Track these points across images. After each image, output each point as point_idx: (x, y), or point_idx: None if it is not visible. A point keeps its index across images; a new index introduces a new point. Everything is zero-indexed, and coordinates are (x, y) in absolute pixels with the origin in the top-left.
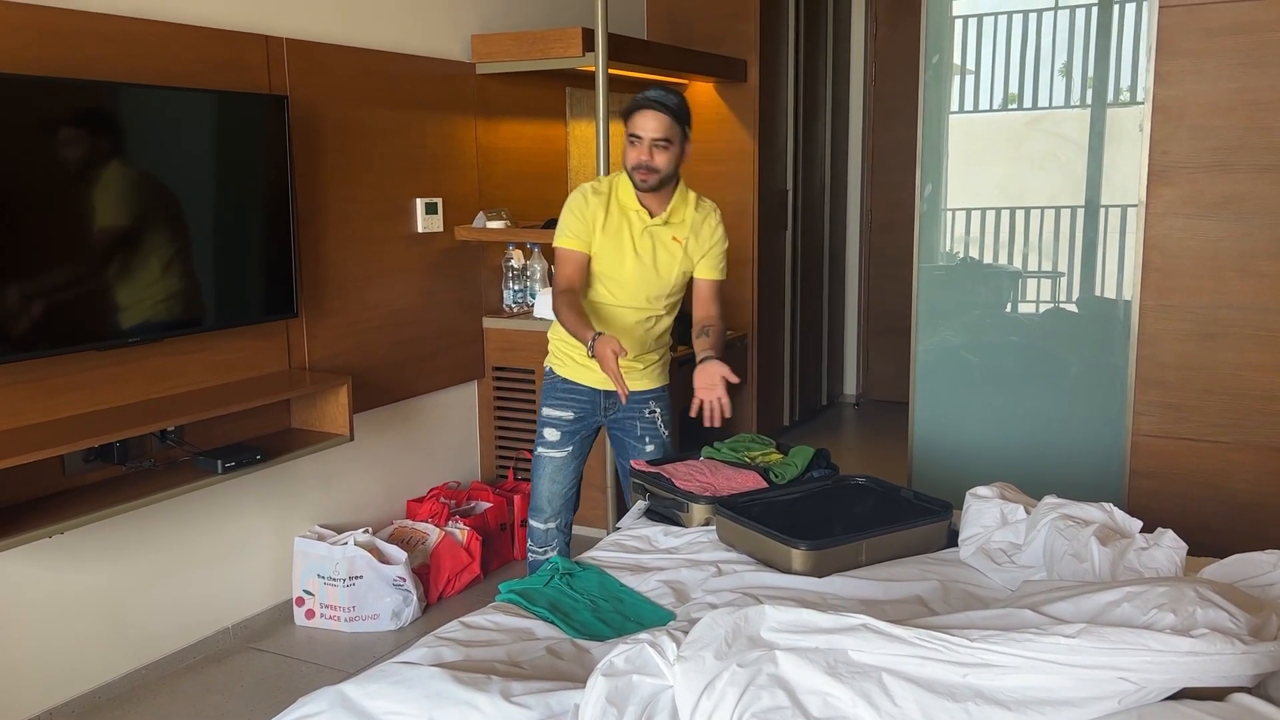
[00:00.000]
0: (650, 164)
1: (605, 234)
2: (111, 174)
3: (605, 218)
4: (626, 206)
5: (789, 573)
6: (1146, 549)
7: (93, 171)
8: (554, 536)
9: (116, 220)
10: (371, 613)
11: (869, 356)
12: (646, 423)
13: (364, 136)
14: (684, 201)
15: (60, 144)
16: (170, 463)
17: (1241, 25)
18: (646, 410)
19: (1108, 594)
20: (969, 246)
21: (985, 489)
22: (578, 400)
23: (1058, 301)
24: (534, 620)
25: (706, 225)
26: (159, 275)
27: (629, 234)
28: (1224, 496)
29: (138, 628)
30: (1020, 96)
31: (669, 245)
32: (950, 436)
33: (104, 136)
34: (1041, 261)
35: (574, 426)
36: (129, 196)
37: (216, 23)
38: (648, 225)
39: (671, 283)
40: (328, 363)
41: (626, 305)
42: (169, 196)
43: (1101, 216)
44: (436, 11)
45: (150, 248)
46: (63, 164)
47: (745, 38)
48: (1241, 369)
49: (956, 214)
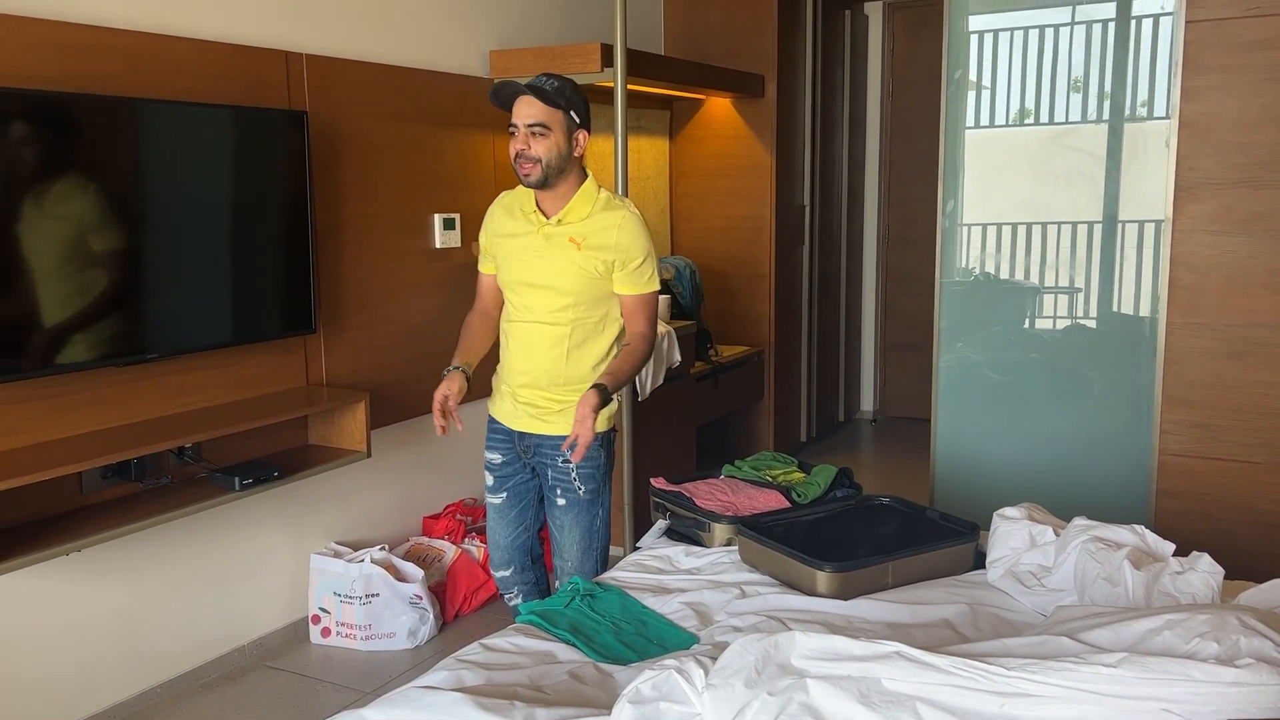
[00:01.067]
0: (528, 153)
1: (503, 241)
2: (129, 191)
3: (507, 224)
4: (525, 210)
5: (813, 595)
6: (1182, 573)
7: (110, 188)
8: (513, 583)
9: (136, 236)
10: (388, 631)
11: (886, 372)
12: (558, 473)
13: (382, 152)
14: (586, 200)
15: (78, 160)
16: (188, 480)
17: (1270, 40)
18: (560, 460)
19: (1147, 621)
20: (987, 262)
21: (1013, 510)
22: (501, 440)
23: (1080, 318)
24: (556, 643)
25: (614, 228)
26: (178, 291)
27: (523, 239)
28: (1253, 518)
29: (153, 645)
30: (1038, 111)
31: (563, 247)
32: (972, 454)
33: (124, 152)
34: (1061, 278)
35: (504, 470)
36: (149, 212)
37: (237, 39)
38: (541, 227)
39: (572, 290)
40: (345, 379)
41: (531, 320)
42: (188, 212)
43: (1122, 232)
44: (455, 27)
45: (170, 263)
46: (80, 180)
47: (763, 53)
48: (1271, 388)
49: (973, 229)
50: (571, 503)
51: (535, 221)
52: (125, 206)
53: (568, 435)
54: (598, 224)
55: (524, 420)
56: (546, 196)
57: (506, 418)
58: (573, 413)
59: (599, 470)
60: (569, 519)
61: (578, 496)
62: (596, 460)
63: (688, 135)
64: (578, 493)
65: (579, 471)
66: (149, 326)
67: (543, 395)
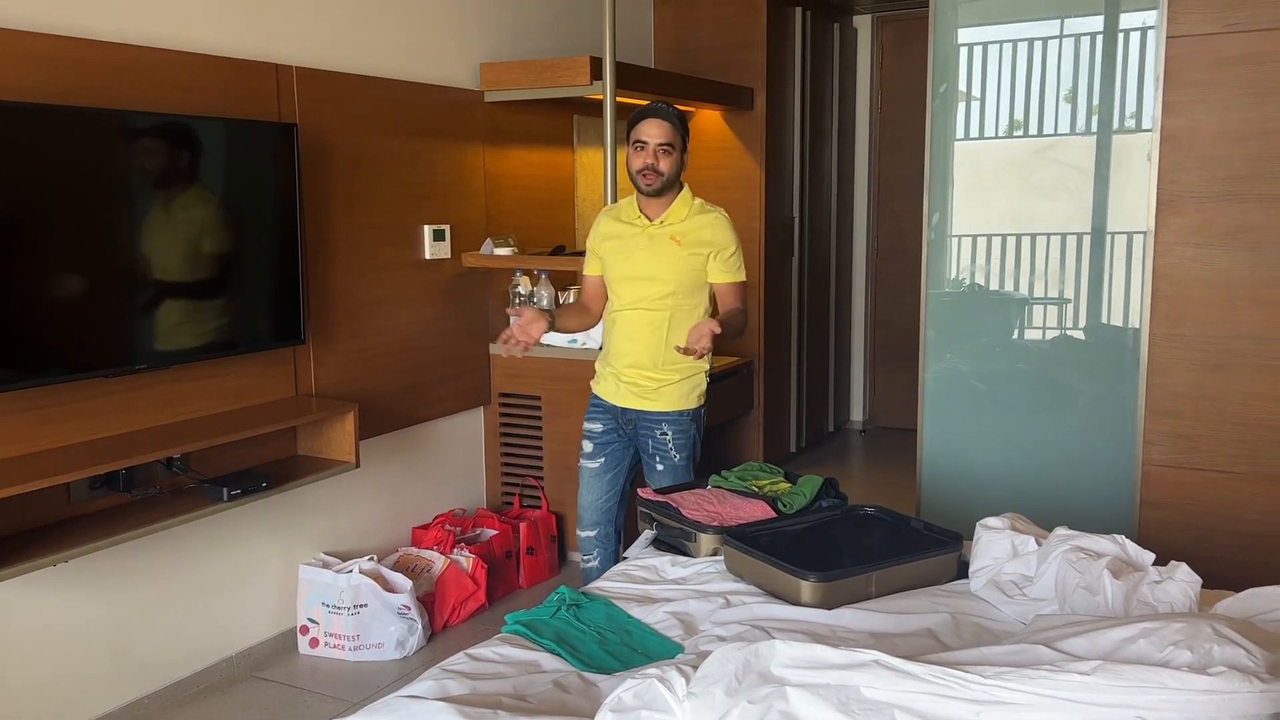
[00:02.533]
0: (655, 166)
1: (610, 243)
2: (120, 202)
3: (614, 229)
4: (629, 217)
5: (798, 604)
6: (1160, 582)
7: (101, 199)
8: (594, 545)
9: (125, 248)
10: (376, 641)
11: (876, 383)
12: (658, 443)
13: (373, 164)
14: (684, 205)
15: (70, 172)
16: (176, 490)
17: (1251, 55)
18: (658, 431)
19: (1123, 630)
20: (975, 274)
21: (996, 520)
22: (602, 413)
23: (1066, 329)
24: (540, 652)
25: (709, 227)
26: (167, 303)
27: (629, 240)
28: (1236, 528)
29: (141, 656)
30: (1026, 124)
31: (665, 244)
32: (959, 465)
33: (114, 164)
34: (1049, 289)
35: (604, 438)
36: (137, 224)
37: (227, 52)
38: (645, 229)
39: (671, 281)
40: (334, 389)
41: (635, 308)
42: (178, 224)
43: (1109, 244)
44: (446, 40)
45: (158, 275)
46: (71, 192)
47: (752, 66)
48: (1253, 399)
49: (963, 240)
50: (668, 468)
51: (640, 224)
52: (114, 218)
53: (666, 411)
54: (695, 224)
55: (627, 398)
56: (651, 204)
57: (610, 395)
58: (669, 391)
59: (690, 441)
60: (665, 482)
61: (673, 463)
62: (689, 432)
63: None
64: (672, 459)
65: (674, 442)
66: (138, 337)
67: (644, 374)
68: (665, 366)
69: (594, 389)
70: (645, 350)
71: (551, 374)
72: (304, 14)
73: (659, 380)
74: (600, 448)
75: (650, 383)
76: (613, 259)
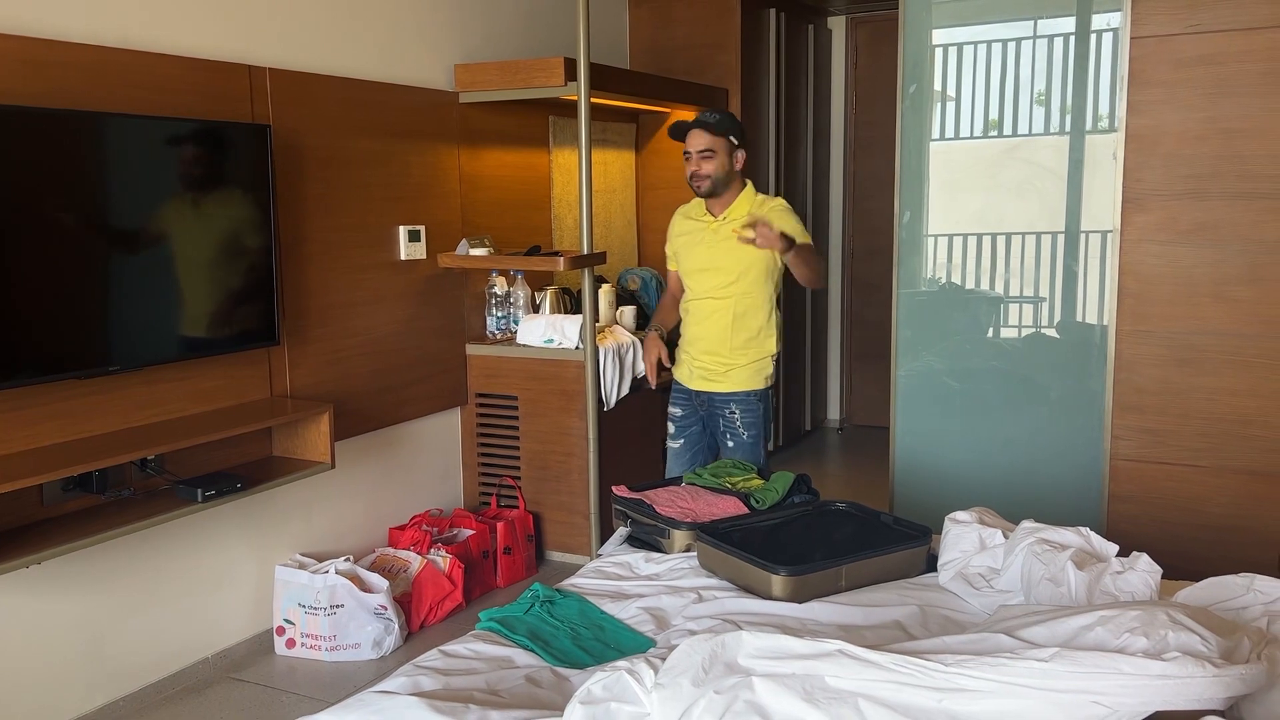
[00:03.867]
0: (700, 172)
1: (681, 239)
2: (92, 203)
3: (684, 226)
4: (698, 215)
5: (769, 599)
6: (1122, 573)
7: (73, 201)
8: None
9: (98, 249)
10: (353, 642)
11: (852, 381)
12: (727, 422)
13: (347, 165)
14: (747, 201)
15: (41, 174)
16: (150, 492)
17: (1211, 56)
18: (728, 411)
19: (1081, 618)
20: (950, 272)
21: (964, 514)
22: (682, 398)
23: (1038, 327)
24: (514, 648)
25: (765, 209)
26: (140, 304)
27: (696, 235)
28: (1201, 520)
29: (116, 659)
30: (1000, 124)
31: (729, 237)
32: (931, 461)
33: (86, 166)
34: (1023, 287)
35: (683, 421)
36: (110, 226)
37: (200, 53)
38: (710, 224)
39: (736, 269)
40: (310, 390)
41: (703, 296)
42: (151, 225)
43: (1081, 242)
44: (420, 42)
45: (131, 276)
46: (43, 194)
47: (727, 67)
48: (1217, 394)
49: (939, 240)
50: (738, 445)
51: (706, 221)
52: (86, 220)
53: (734, 392)
54: (759, 214)
55: (698, 381)
56: (715, 203)
57: (685, 379)
58: (736, 374)
59: (759, 419)
60: (739, 456)
61: (742, 440)
62: (757, 411)
63: (653, 148)
64: (742, 437)
65: (742, 420)
66: (112, 339)
67: (714, 359)
68: (733, 351)
69: (674, 374)
70: (714, 336)
71: (528, 374)
72: (278, 15)
73: (728, 364)
74: (681, 429)
75: (720, 366)
76: (684, 254)
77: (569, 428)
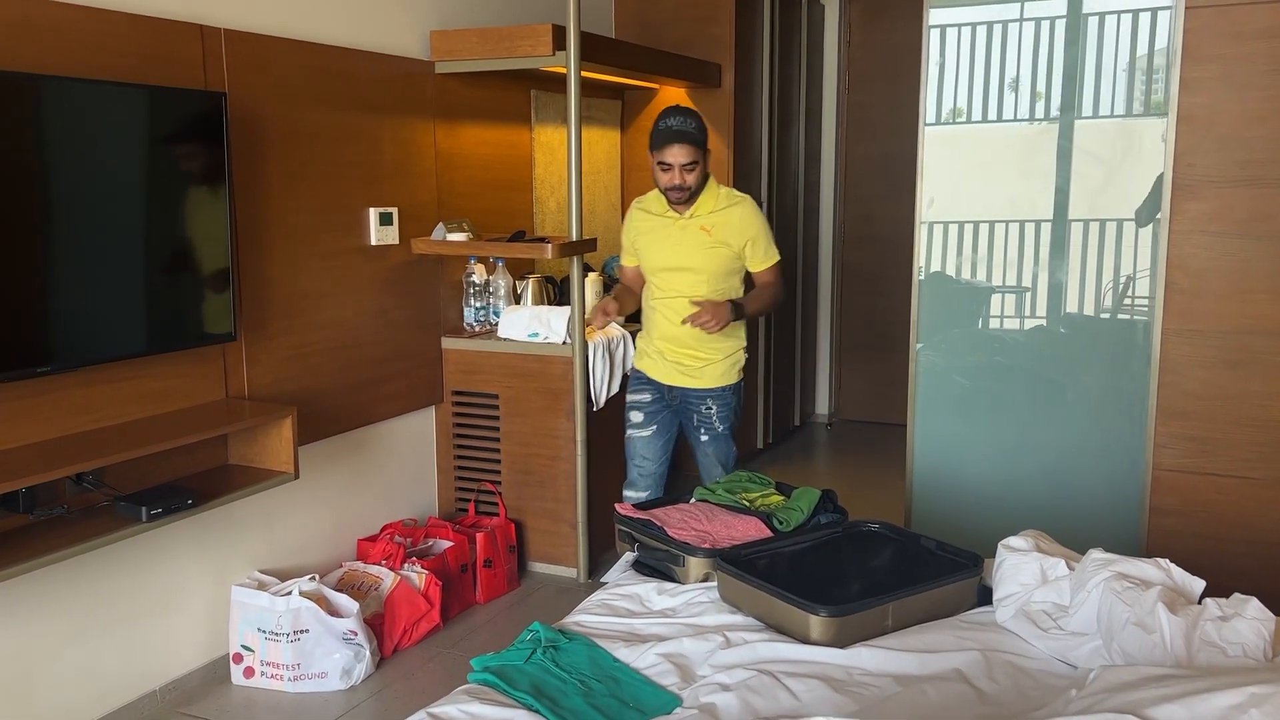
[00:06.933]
0: (683, 185)
1: (644, 238)
2: (19, 180)
3: (646, 223)
4: (659, 210)
5: (806, 642)
6: (1226, 619)
7: (4, 174)
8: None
9: (28, 229)
10: (319, 671)
11: (842, 375)
12: (702, 417)
13: (312, 139)
14: (712, 196)
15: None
16: (87, 509)
17: (1275, 29)
18: (704, 406)
19: (1227, 696)
20: (976, 264)
21: (1019, 539)
22: (648, 386)
23: (1071, 323)
24: (516, 709)
25: (735, 213)
26: (78, 294)
27: (661, 233)
28: (1251, 536)
29: (47, 699)
30: (1033, 106)
31: (696, 235)
32: (951, 468)
33: (18, 133)
34: (1054, 280)
35: (653, 407)
36: (44, 202)
37: (147, 10)
38: (676, 221)
39: (705, 269)
40: (270, 390)
41: (674, 295)
42: (90, 203)
43: (1126, 232)
44: (393, 4)
45: (67, 262)
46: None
47: (719, 41)
48: (1271, 399)
49: (950, 227)
50: (712, 437)
51: (670, 217)
52: (15, 194)
53: (710, 388)
54: (724, 218)
55: (674, 376)
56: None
57: (657, 374)
58: (712, 370)
59: (732, 413)
60: (711, 449)
61: (716, 432)
62: (731, 405)
63: (640, 127)
64: (716, 430)
65: (717, 414)
66: (43, 335)
67: (688, 354)
68: (706, 345)
69: (637, 365)
70: (690, 334)
71: (510, 370)
72: None
73: (704, 360)
74: (651, 416)
75: (695, 362)
76: (648, 252)
77: (554, 429)
